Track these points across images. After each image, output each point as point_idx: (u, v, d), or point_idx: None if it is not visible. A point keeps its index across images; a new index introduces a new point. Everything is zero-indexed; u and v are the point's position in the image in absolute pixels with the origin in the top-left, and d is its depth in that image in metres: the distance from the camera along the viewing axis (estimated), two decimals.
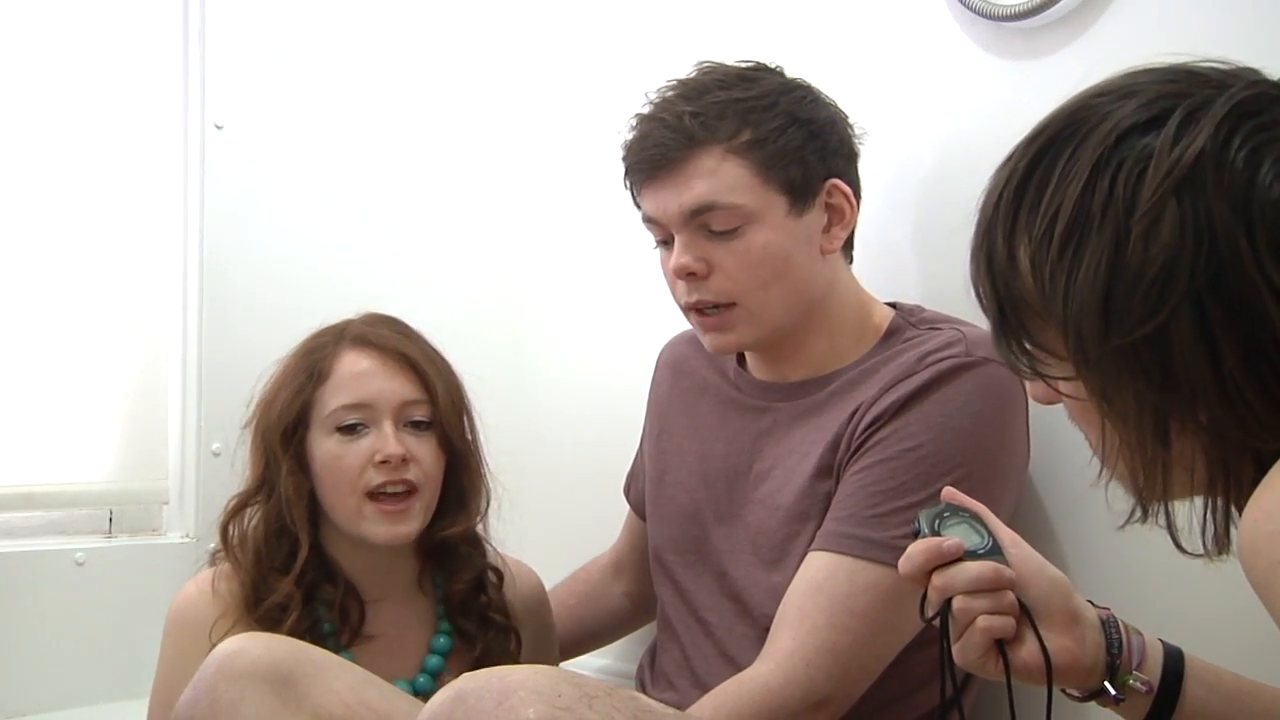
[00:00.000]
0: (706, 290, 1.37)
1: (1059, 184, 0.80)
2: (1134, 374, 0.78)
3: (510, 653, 1.44)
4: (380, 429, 1.37)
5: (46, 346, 1.78)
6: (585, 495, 1.87)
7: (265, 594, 1.36)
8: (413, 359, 1.40)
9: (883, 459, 1.30)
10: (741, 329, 1.38)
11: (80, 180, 1.81)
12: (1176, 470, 0.79)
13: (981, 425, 1.30)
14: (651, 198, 1.39)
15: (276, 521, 1.39)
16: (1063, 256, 0.79)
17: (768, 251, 1.35)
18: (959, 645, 0.96)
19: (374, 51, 1.99)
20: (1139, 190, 0.77)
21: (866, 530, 1.28)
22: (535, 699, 1.03)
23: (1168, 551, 1.27)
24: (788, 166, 1.36)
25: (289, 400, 1.39)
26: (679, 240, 1.37)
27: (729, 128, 1.35)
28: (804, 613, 1.27)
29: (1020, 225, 0.83)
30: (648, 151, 1.37)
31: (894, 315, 1.42)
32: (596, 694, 1.06)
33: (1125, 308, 0.77)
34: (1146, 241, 0.76)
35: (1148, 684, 0.96)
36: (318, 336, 1.43)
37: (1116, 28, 1.37)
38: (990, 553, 0.97)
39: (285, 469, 1.38)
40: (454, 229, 2.06)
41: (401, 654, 1.42)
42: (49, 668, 1.69)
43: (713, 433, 1.50)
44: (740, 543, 1.42)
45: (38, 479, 1.77)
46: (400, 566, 1.44)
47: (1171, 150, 0.77)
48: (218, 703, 1.19)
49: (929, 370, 1.31)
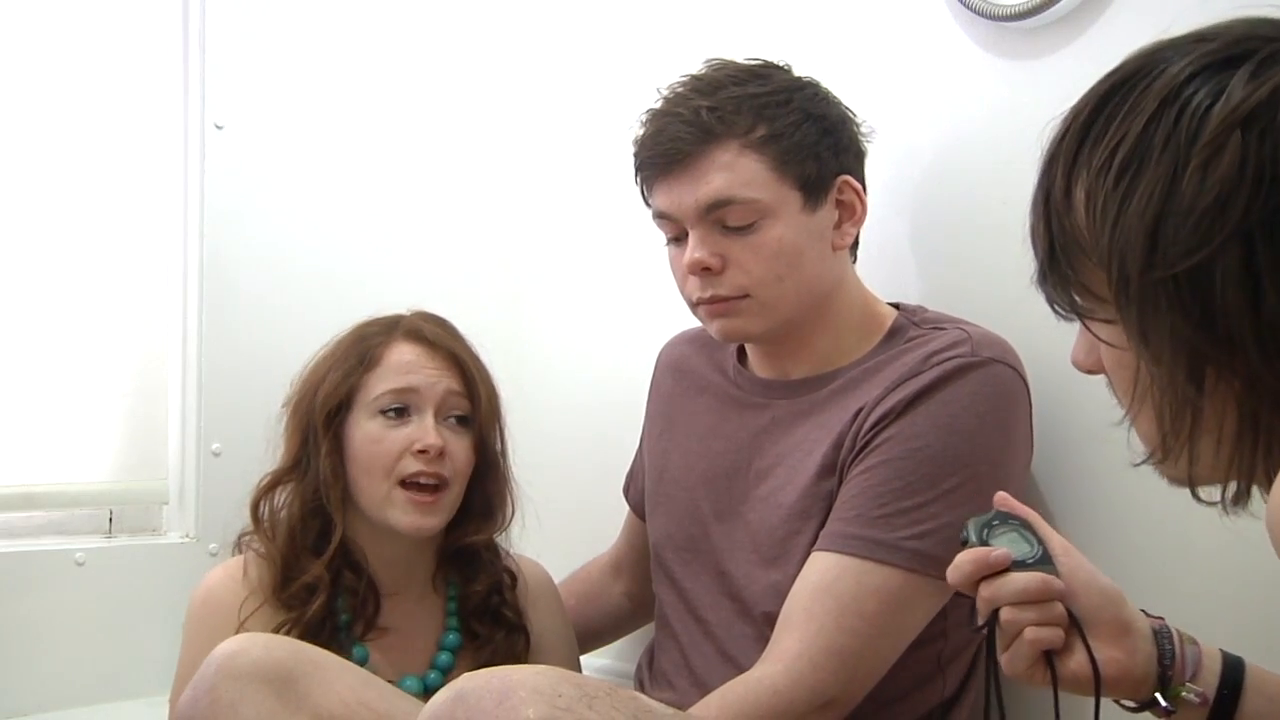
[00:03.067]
0: (720, 285, 1.36)
1: (1125, 119, 0.78)
2: (1172, 309, 0.75)
3: (519, 651, 1.45)
4: (422, 419, 1.40)
5: (46, 347, 1.78)
6: (585, 495, 1.87)
7: (296, 573, 1.38)
8: (461, 358, 1.44)
9: (888, 459, 1.29)
10: (750, 318, 1.38)
11: (80, 180, 1.80)
12: (1207, 417, 0.77)
13: (987, 425, 1.30)
14: (666, 193, 1.38)
15: (312, 500, 1.40)
16: (1118, 186, 0.77)
17: (782, 246, 1.35)
18: (1007, 656, 0.95)
19: (374, 51, 1.99)
20: (1205, 123, 0.74)
21: (873, 531, 1.27)
22: (535, 699, 1.03)
23: (1170, 548, 1.28)
24: (803, 162, 1.36)
25: (338, 382, 1.41)
26: (694, 235, 1.36)
27: (745, 122, 1.35)
28: (811, 614, 1.27)
29: (1081, 160, 0.80)
30: (663, 146, 1.36)
31: (897, 315, 1.42)
32: (597, 694, 1.06)
33: (1173, 239, 0.74)
34: (1205, 172, 0.73)
35: (1201, 695, 0.95)
36: (369, 325, 1.46)
37: (1116, 28, 1.37)
38: (1039, 562, 0.95)
39: (325, 449, 1.40)
40: (454, 228, 2.06)
41: (413, 650, 1.44)
42: (49, 668, 1.69)
43: (712, 431, 1.50)
44: (740, 541, 1.42)
45: (38, 479, 1.77)
46: (419, 563, 1.46)
47: (1245, 87, 0.74)
48: (218, 703, 1.19)
49: (934, 370, 1.31)
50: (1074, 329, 0.89)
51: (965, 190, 1.52)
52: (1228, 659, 0.97)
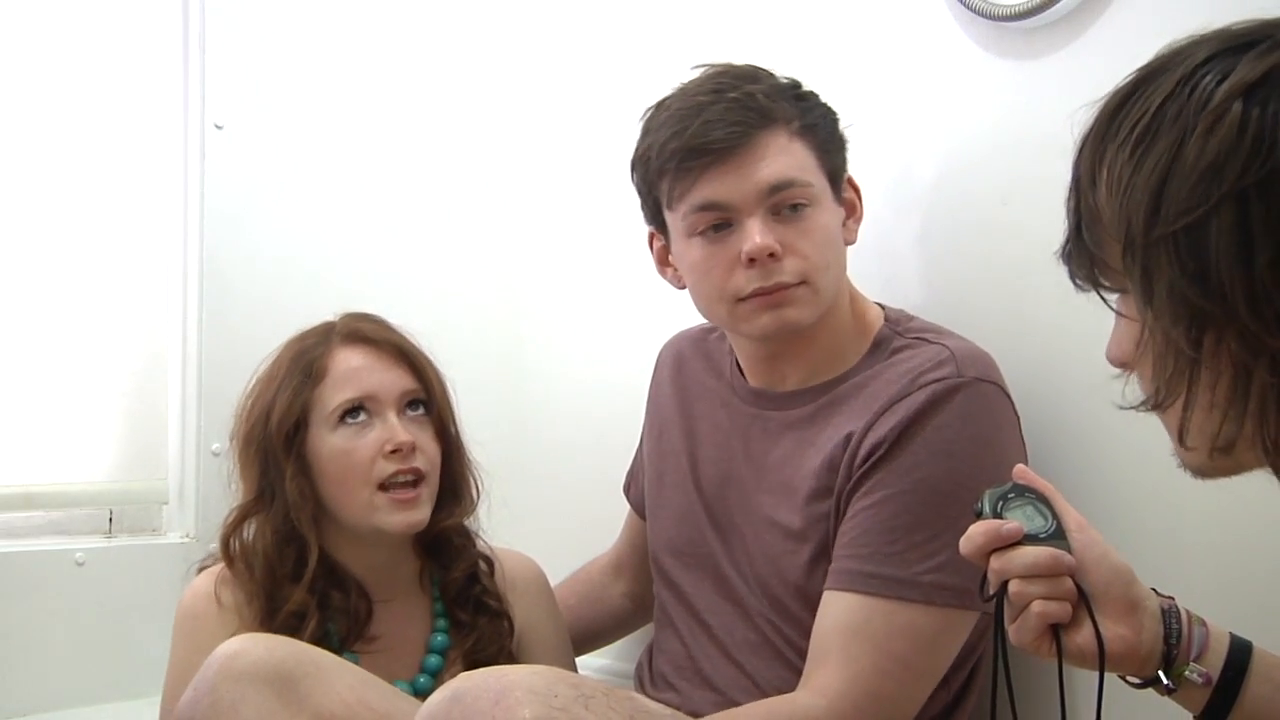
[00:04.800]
0: (782, 272, 1.33)
1: (1146, 99, 0.81)
2: (1170, 264, 0.78)
3: (504, 638, 1.45)
4: (385, 420, 1.38)
5: (46, 346, 1.78)
6: (585, 495, 1.87)
7: (280, 603, 1.36)
8: (405, 349, 1.43)
9: (893, 493, 1.29)
10: (804, 307, 1.35)
11: (80, 180, 1.81)
12: (1204, 371, 0.79)
13: (982, 446, 1.30)
14: (718, 180, 1.33)
15: (283, 527, 1.38)
16: (1133, 156, 0.80)
17: (829, 233, 1.36)
18: (1014, 627, 0.96)
19: (374, 52, 1.99)
20: (1213, 96, 0.78)
21: (892, 569, 1.27)
22: (531, 699, 1.03)
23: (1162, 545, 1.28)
24: (833, 154, 1.38)
25: (288, 402, 1.38)
26: (755, 221, 1.33)
27: (789, 111, 1.35)
28: (849, 655, 1.27)
29: (1108, 139, 0.83)
30: (719, 131, 1.32)
31: (882, 325, 1.41)
32: (593, 694, 1.06)
33: (1175, 198, 0.78)
34: (1207, 138, 0.77)
35: (1205, 675, 0.96)
36: (303, 339, 1.43)
37: (1116, 28, 1.37)
38: (1052, 537, 0.96)
39: (289, 473, 1.38)
40: (454, 229, 2.06)
41: (402, 655, 1.43)
42: (49, 668, 1.69)
43: (707, 435, 1.50)
44: (737, 551, 1.43)
45: (38, 479, 1.77)
46: (403, 563, 1.45)
47: (1252, 64, 0.78)
48: (218, 703, 1.19)
49: (923, 393, 1.30)
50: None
51: (965, 190, 1.52)
52: (1235, 641, 0.98)
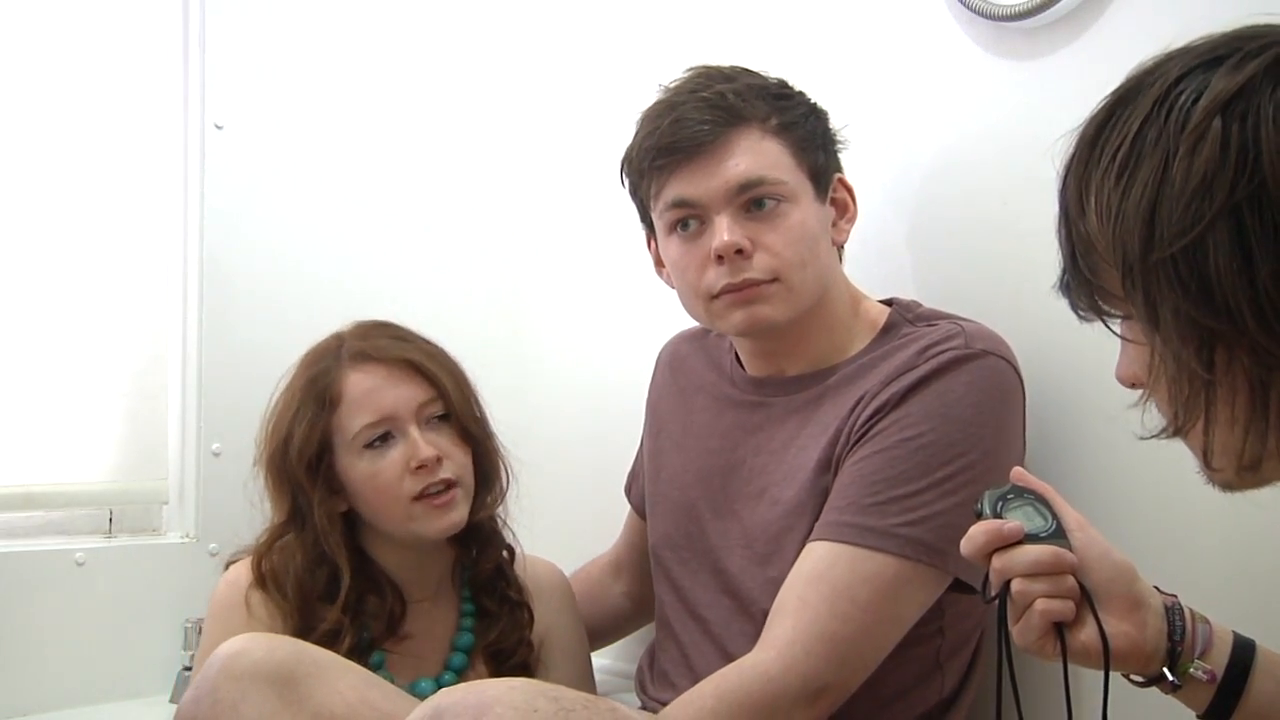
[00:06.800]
0: (750, 269, 1.35)
1: (1124, 124, 0.82)
2: (1173, 288, 0.78)
3: (523, 626, 1.46)
4: (407, 436, 1.39)
5: (46, 347, 1.78)
6: (585, 495, 1.87)
7: (315, 622, 1.37)
8: (416, 362, 1.42)
9: (882, 448, 1.30)
10: (777, 304, 1.36)
11: (80, 180, 1.80)
12: (1220, 391, 0.79)
13: (981, 416, 1.30)
14: (688, 179, 1.36)
15: (314, 549, 1.39)
16: (1118, 184, 0.81)
17: (805, 231, 1.36)
18: (1018, 627, 0.96)
19: (374, 52, 1.99)
20: (1190, 115, 0.79)
21: (867, 519, 1.27)
22: (511, 714, 1.03)
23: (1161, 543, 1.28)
24: (814, 152, 1.38)
25: (306, 433, 1.39)
26: (723, 218, 1.35)
27: (763, 110, 1.36)
28: (804, 601, 1.26)
29: (1090, 168, 0.84)
30: (689, 130, 1.35)
31: (891, 311, 1.42)
32: (573, 707, 1.06)
33: (1168, 222, 0.78)
34: (1191, 158, 0.77)
35: (1210, 673, 0.96)
36: (313, 361, 1.43)
37: (1116, 28, 1.37)
38: (1052, 536, 0.97)
39: (316, 499, 1.39)
40: (454, 229, 2.06)
41: (427, 653, 1.44)
42: (49, 668, 1.69)
43: (708, 429, 1.50)
44: (736, 538, 1.42)
45: (38, 479, 1.77)
46: (439, 559, 1.47)
47: (1225, 79, 0.79)
48: (219, 703, 1.19)
49: (930, 362, 1.31)
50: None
51: (965, 189, 1.52)
52: (1239, 640, 0.98)
